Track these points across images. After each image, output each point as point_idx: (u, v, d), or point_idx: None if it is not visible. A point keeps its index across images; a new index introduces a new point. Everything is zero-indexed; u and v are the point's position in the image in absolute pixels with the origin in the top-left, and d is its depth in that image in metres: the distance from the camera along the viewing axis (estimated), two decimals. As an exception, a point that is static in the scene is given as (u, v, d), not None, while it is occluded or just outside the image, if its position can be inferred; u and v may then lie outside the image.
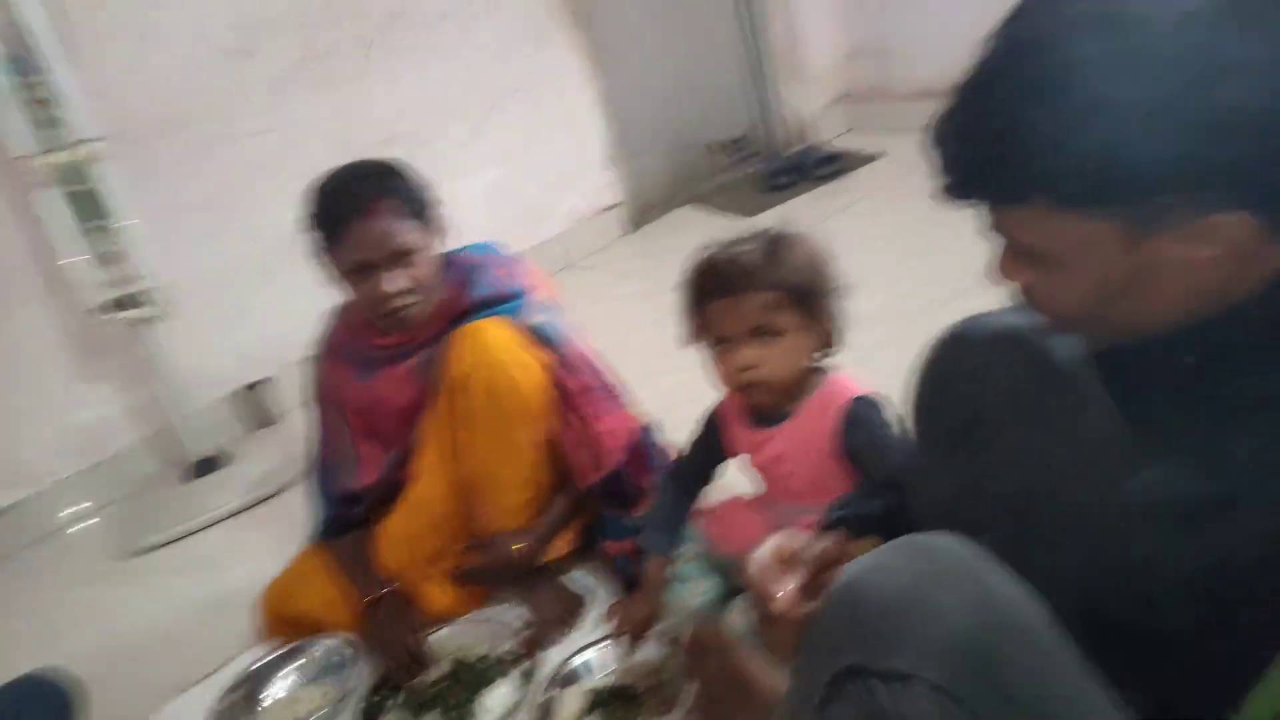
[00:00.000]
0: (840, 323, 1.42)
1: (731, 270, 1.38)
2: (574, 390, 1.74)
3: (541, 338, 1.72)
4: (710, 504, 1.69)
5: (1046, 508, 0.89)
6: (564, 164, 3.60)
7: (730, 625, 1.47)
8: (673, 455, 1.78)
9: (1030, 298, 0.77)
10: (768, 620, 0.95)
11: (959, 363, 0.99)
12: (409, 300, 1.67)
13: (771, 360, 1.38)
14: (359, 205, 1.62)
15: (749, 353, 1.38)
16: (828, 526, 1.16)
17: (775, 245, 1.38)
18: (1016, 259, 0.75)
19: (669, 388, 1.97)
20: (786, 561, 0.98)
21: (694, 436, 1.64)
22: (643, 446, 1.81)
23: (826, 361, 1.46)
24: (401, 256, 1.65)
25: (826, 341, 1.42)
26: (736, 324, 1.37)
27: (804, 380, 1.44)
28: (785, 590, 0.94)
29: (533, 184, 3.52)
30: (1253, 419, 0.68)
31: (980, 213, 0.76)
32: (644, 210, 3.86)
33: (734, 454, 1.59)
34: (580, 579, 1.82)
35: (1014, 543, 0.87)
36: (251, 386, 2.93)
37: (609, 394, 1.79)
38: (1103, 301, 0.71)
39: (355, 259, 1.64)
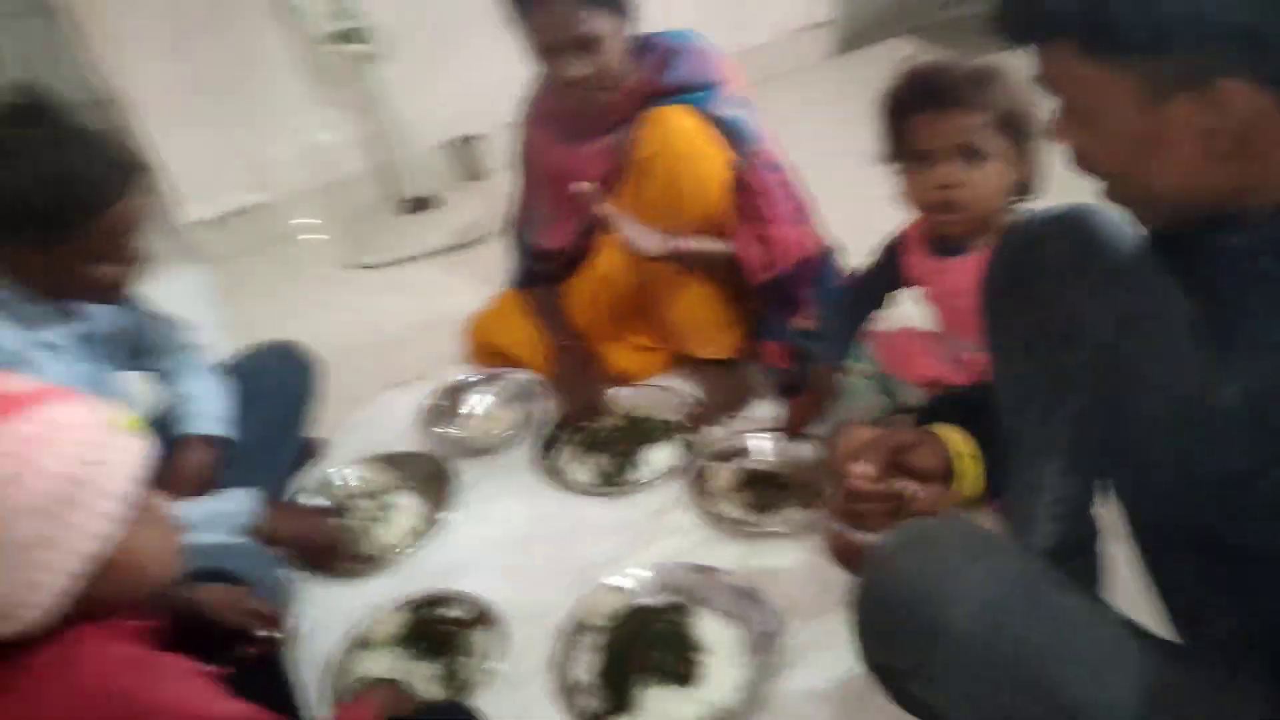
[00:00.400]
0: (1041, 167, 1.40)
1: (942, 83, 1.36)
2: (755, 188, 1.81)
3: (729, 131, 1.80)
4: (884, 329, 1.77)
5: (1133, 411, 0.94)
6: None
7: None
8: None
9: (1076, 160, 0.80)
10: (851, 496, 1.17)
11: (1031, 259, 1.04)
12: (591, 86, 1.78)
13: (972, 183, 1.37)
14: None
15: (951, 170, 1.37)
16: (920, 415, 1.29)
17: (989, 69, 1.35)
18: (1065, 118, 0.78)
19: (852, 216, 1.99)
20: (869, 445, 1.18)
21: (873, 259, 1.68)
22: (816, 262, 1.90)
23: (1020, 205, 1.43)
24: (584, 42, 1.72)
25: (1026, 182, 1.40)
26: (941, 139, 1.36)
27: (995, 218, 1.42)
28: (864, 468, 1.15)
29: (741, -14, 3.48)
30: None
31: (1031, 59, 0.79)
32: (857, 33, 3.74)
33: (911, 282, 1.63)
34: (750, 373, 2.01)
35: (1100, 450, 1.01)
36: (465, 140, 3.18)
37: (789, 199, 1.87)
38: (1127, 162, 0.75)
39: (540, 40, 1.75)
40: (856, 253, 1.86)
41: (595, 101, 1.82)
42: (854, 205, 1.94)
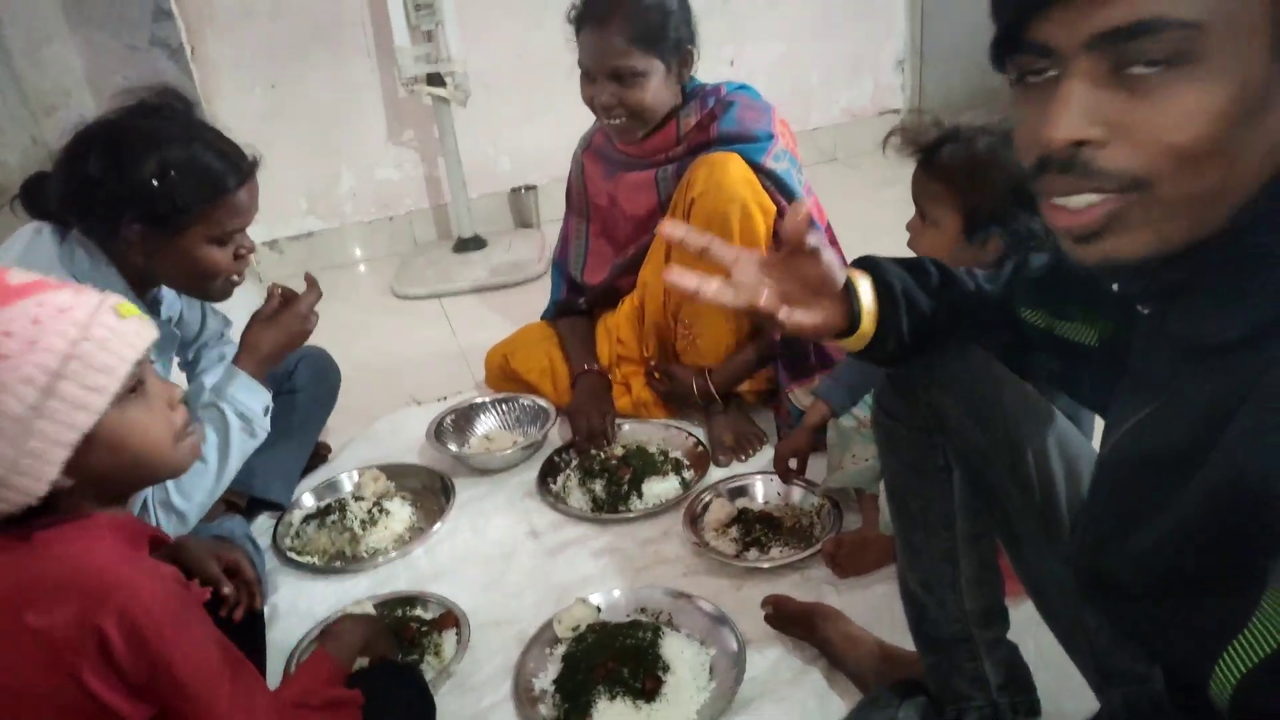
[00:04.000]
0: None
1: (937, 144, 1.38)
2: None
3: (775, 182, 1.84)
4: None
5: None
6: (853, 56, 3.62)
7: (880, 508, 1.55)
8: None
9: (1097, 160, 0.63)
10: None
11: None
12: (617, 116, 1.86)
13: (923, 248, 1.39)
14: (596, 13, 1.81)
15: (914, 222, 1.43)
16: None
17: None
18: (1093, 95, 0.61)
19: None
20: None
21: None
22: None
23: None
24: (620, 75, 1.82)
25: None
26: (915, 184, 1.42)
27: None
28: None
29: (817, 69, 3.58)
30: (1212, 367, 0.64)
31: None
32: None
33: None
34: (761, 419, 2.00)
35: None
36: (522, 189, 3.28)
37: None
38: (1229, 133, 0.59)
39: (581, 61, 1.87)
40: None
41: (628, 132, 1.90)
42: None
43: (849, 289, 0.93)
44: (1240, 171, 0.60)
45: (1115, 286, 0.73)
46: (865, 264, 0.98)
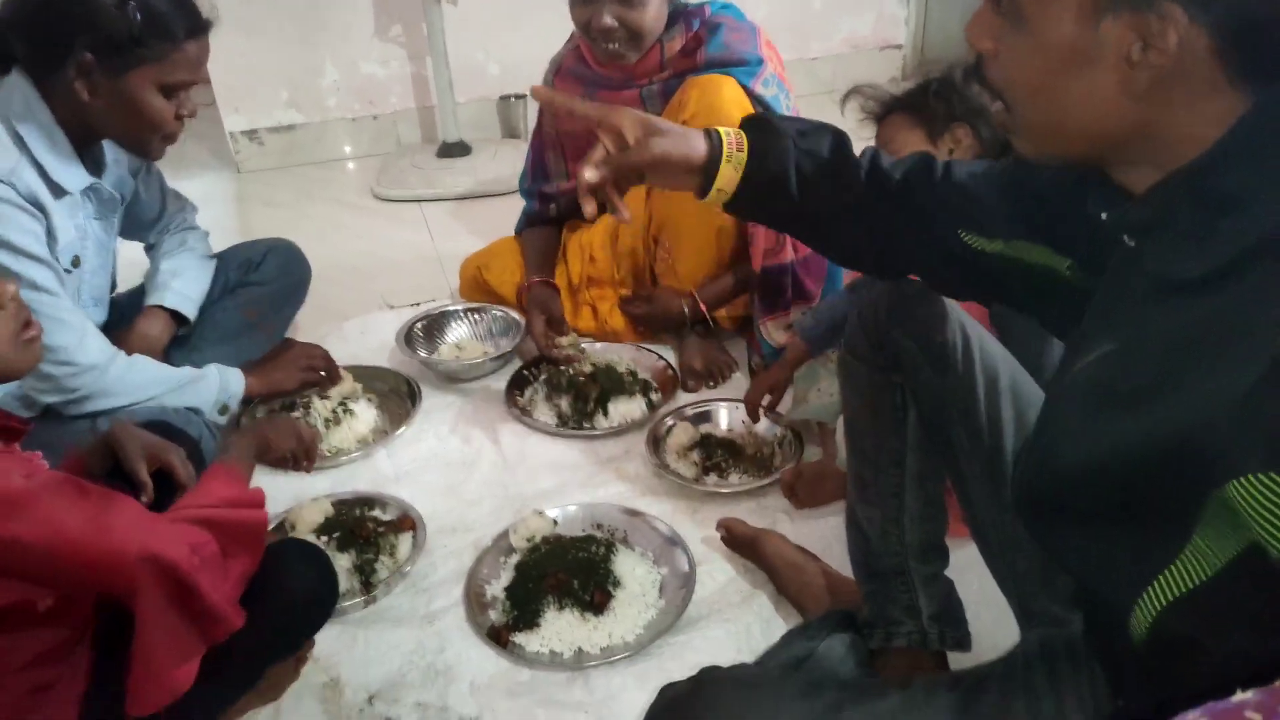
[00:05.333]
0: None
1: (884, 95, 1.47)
2: None
3: (765, 108, 1.81)
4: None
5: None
6: (860, -18, 3.52)
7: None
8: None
9: (989, 70, 0.75)
10: None
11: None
12: (615, 38, 1.80)
13: None
14: None
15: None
16: None
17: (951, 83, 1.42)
18: (990, 18, 0.73)
19: None
20: None
21: None
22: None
23: None
24: None
25: None
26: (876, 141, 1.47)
27: None
28: None
29: (820, -4, 3.49)
30: (1176, 304, 0.67)
31: None
32: (928, 62, 3.74)
33: None
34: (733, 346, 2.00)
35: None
36: (511, 98, 3.20)
37: None
38: (1045, 78, 0.70)
39: None
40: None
41: (621, 56, 1.83)
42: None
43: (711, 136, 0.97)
44: (1085, 114, 0.69)
45: (1104, 216, 0.74)
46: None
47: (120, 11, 1.34)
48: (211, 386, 1.59)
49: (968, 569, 1.20)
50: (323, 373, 1.81)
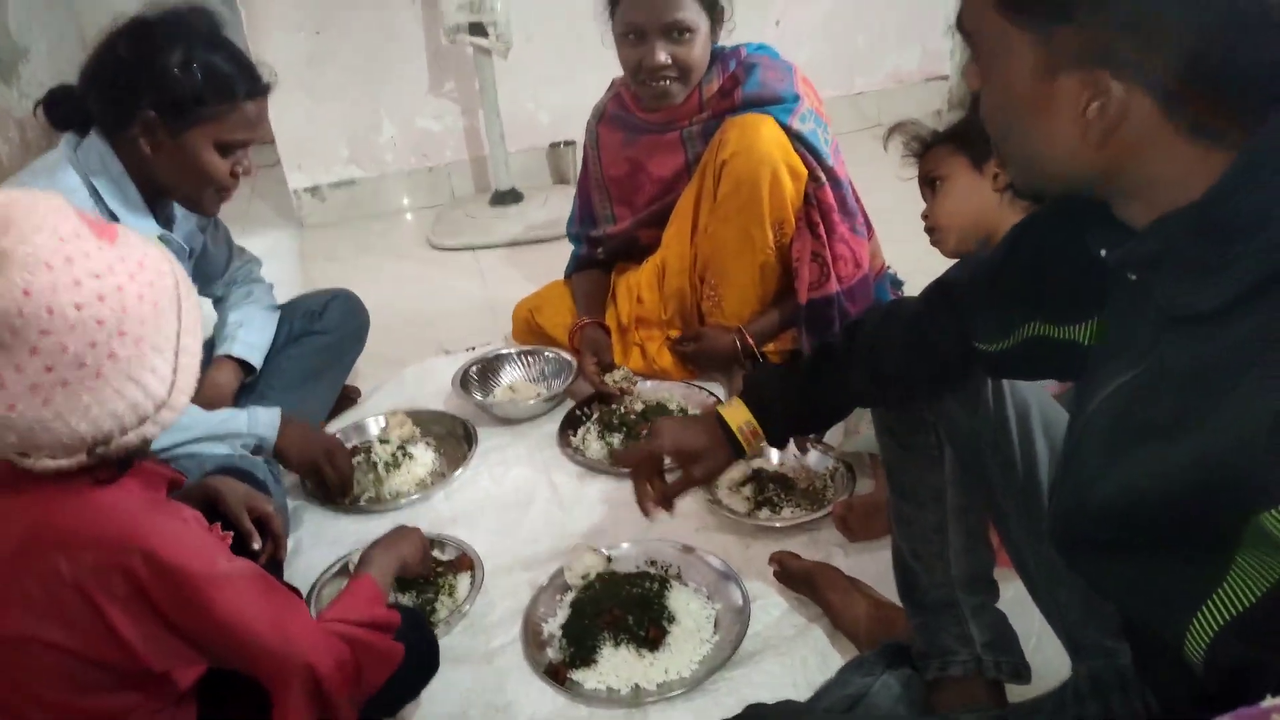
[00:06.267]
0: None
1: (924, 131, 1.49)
2: (823, 204, 1.85)
3: (804, 144, 1.83)
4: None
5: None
6: (902, 19, 3.54)
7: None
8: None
9: (979, 108, 0.79)
10: None
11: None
12: (668, 76, 1.83)
13: (937, 211, 1.47)
14: None
15: (927, 206, 1.49)
16: None
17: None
18: (973, 63, 0.78)
19: (923, 258, 1.99)
20: None
21: None
22: (872, 284, 1.92)
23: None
24: (674, 30, 1.79)
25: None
26: (920, 174, 1.49)
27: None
28: None
29: (864, 32, 3.52)
30: (1192, 335, 0.67)
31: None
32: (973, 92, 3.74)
33: None
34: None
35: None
36: (560, 145, 3.28)
37: (855, 220, 1.90)
38: (1014, 121, 0.74)
39: (632, 20, 1.80)
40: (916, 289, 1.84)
41: (665, 94, 1.87)
42: (929, 247, 1.93)
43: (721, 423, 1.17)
44: (1051, 158, 0.73)
45: (1104, 252, 0.74)
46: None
47: (184, 72, 1.43)
48: (240, 426, 1.60)
49: (1029, 601, 1.18)
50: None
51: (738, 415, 1.16)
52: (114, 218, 1.49)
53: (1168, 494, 0.66)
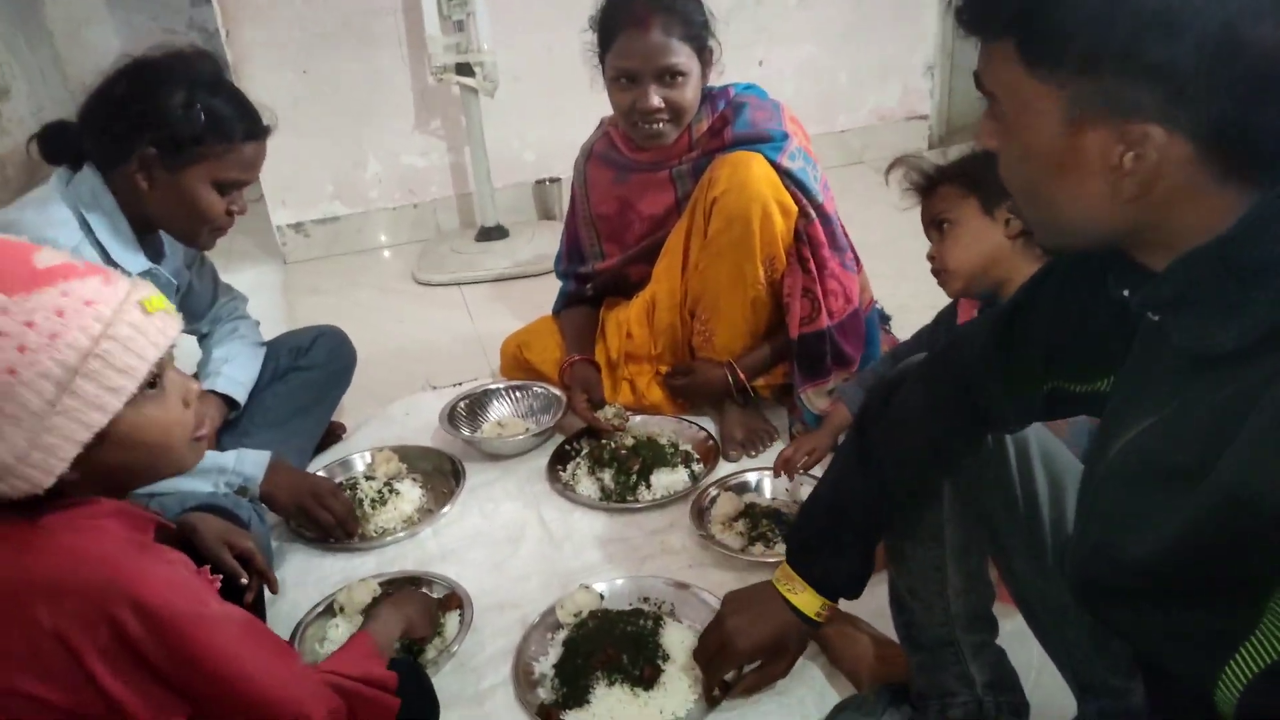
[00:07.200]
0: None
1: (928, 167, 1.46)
2: (813, 240, 1.86)
3: (793, 181, 1.84)
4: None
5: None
6: (883, 59, 3.59)
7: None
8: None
9: (999, 168, 0.78)
10: None
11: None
12: (661, 119, 1.84)
13: (946, 255, 1.42)
14: (637, 15, 1.77)
15: (934, 246, 1.44)
16: None
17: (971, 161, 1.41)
18: (992, 120, 0.76)
19: (910, 294, 2.02)
20: None
21: (925, 327, 1.69)
22: (862, 319, 1.92)
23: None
24: (666, 74, 1.80)
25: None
26: (925, 212, 1.46)
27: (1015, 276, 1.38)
28: None
29: (846, 71, 3.56)
30: (1214, 378, 0.66)
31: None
32: (956, 130, 3.79)
33: None
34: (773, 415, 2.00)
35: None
36: (546, 181, 3.29)
37: (844, 255, 1.91)
38: (1037, 180, 0.73)
39: (625, 66, 1.81)
40: (905, 327, 1.88)
41: (658, 136, 1.88)
42: (911, 284, 1.94)
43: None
44: (1077, 216, 0.72)
45: (1125, 293, 0.74)
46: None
47: (186, 112, 1.44)
48: (227, 462, 1.58)
49: (1028, 635, 1.17)
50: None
51: (810, 603, 1.17)
52: (104, 251, 1.49)
53: (1199, 539, 0.65)
